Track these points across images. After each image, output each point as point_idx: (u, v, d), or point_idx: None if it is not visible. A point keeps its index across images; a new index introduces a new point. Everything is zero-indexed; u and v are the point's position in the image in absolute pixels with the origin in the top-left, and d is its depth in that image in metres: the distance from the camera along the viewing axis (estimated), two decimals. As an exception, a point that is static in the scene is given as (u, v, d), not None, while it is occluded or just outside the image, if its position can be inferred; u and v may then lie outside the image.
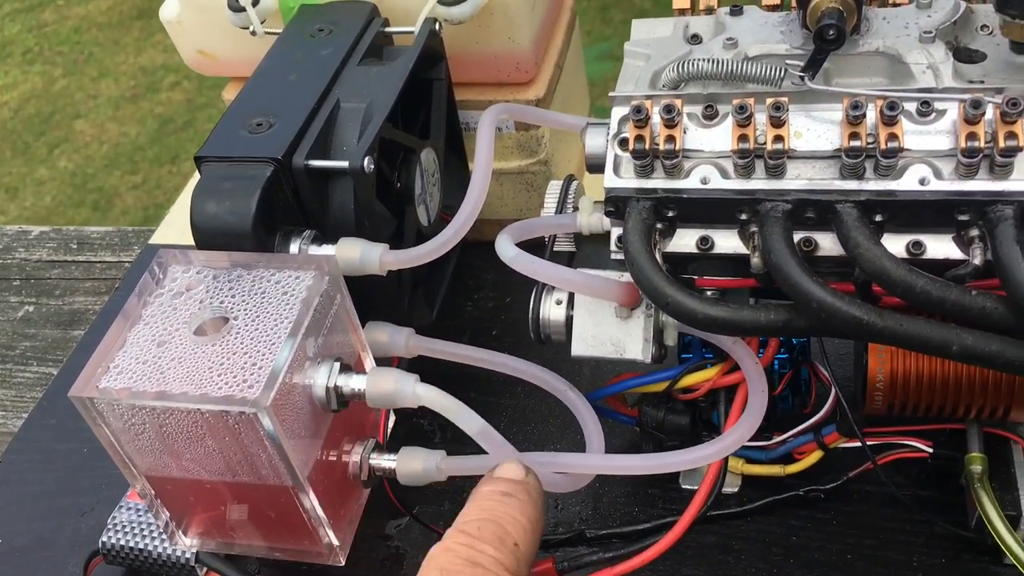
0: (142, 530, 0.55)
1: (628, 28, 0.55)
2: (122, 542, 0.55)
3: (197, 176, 0.52)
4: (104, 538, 0.55)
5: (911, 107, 0.44)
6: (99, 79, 3.68)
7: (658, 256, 0.47)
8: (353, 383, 0.48)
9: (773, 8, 0.53)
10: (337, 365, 0.48)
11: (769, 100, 0.45)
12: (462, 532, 0.42)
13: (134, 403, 0.44)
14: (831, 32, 0.45)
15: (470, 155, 0.67)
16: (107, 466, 0.63)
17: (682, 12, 0.54)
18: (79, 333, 0.77)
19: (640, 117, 0.46)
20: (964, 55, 0.48)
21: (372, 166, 0.51)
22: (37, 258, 0.85)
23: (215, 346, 0.46)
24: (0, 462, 0.66)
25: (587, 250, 0.58)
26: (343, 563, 0.50)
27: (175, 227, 0.81)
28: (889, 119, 0.43)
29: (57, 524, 0.61)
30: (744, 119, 0.45)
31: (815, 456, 0.53)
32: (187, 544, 0.52)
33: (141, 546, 0.54)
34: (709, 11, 0.54)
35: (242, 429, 0.44)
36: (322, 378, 0.47)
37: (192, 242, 0.51)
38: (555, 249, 0.57)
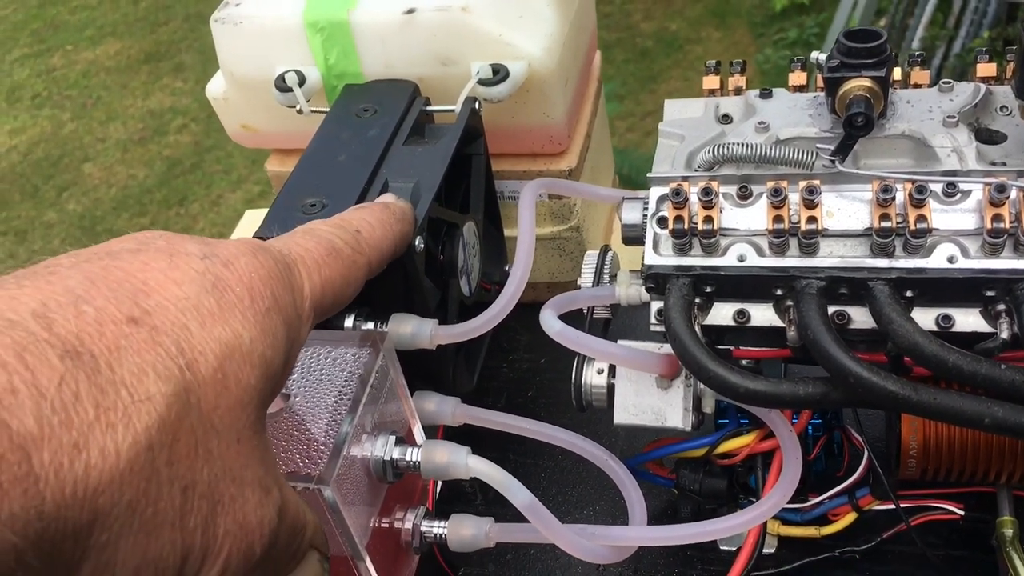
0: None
1: (630, 67, 0.58)
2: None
3: (229, 202, 0.54)
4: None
5: (937, 188, 0.47)
6: (107, 122, 3.72)
7: (697, 329, 0.49)
8: (409, 456, 0.50)
9: (799, 88, 0.55)
10: (393, 438, 0.50)
11: (802, 183, 0.47)
12: None
13: (202, 478, 0.46)
14: (860, 119, 0.47)
15: (506, 222, 0.69)
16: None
17: (712, 92, 0.57)
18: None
19: (679, 200, 0.48)
20: (986, 136, 0.50)
21: (422, 246, 0.53)
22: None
23: (277, 423, 0.48)
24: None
25: (622, 316, 0.60)
26: (397, 628, 0.52)
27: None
28: (917, 201, 0.46)
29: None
30: (779, 201, 0.47)
31: (849, 518, 0.55)
32: (244, 609, 0.54)
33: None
34: (738, 91, 0.57)
35: (306, 503, 0.46)
36: (379, 451, 0.50)
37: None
38: (594, 316, 0.59)
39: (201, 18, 4.19)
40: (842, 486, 0.54)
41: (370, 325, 0.54)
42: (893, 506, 0.53)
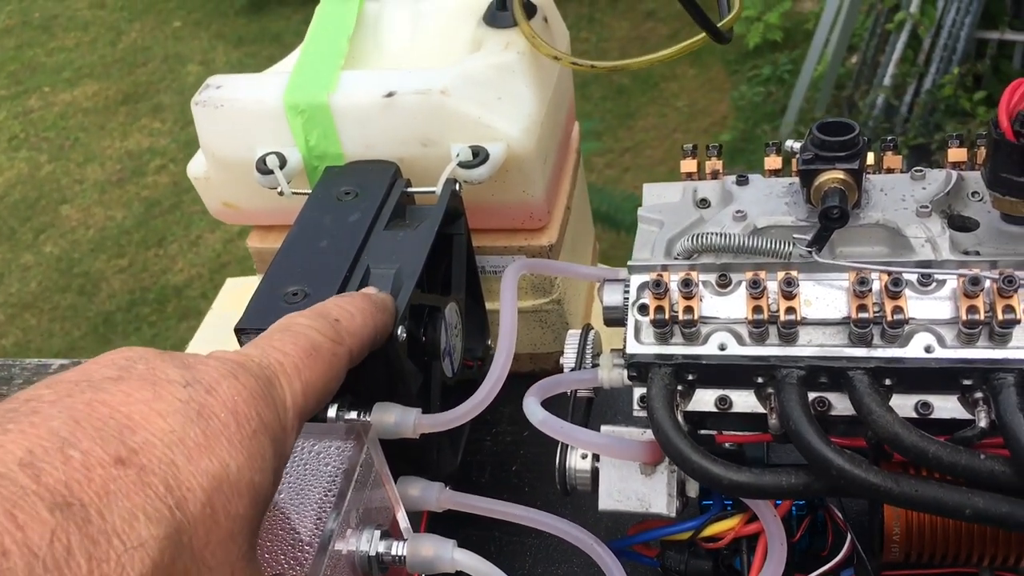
0: None
1: (608, 104, 0.59)
2: None
3: (213, 307, 0.54)
4: None
5: (912, 278, 0.47)
6: (85, 164, 3.70)
7: (679, 415, 0.50)
8: (394, 550, 0.50)
9: (775, 172, 0.56)
10: (378, 533, 0.50)
11: (780, 274, 0.48)
12: None
13: (186, 581, 0.46)
14: (835, 212, 0.48)
15: (487, 296, 0.70)
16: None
17: (689, 176, 0.58)
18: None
19: (659, 291, 0.49)
20: (958, 222, 0.51)
21: (404, 334, 0.54)
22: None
23: (263, 522, 0.48)
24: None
25: (607, 394, 0.61)
26: None
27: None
28: (893, 293, 0.46)
29: None
30: (758, 292, 0.48)
31: (835, 599, 0.55)
32: None
33: None
34: (715, 175, 0.57)
35: (291, 604, 0.46)
36: (364, 546, 0.49)
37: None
38: (577, 395, 0.59)
39: (179, 59, 4.19)
40: (826, 567, 0.54)
41: (353, 414, 0.54)
42: (877, 588, 0.53)
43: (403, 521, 0.55)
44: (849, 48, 3.14)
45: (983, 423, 0.46)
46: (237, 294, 0.89)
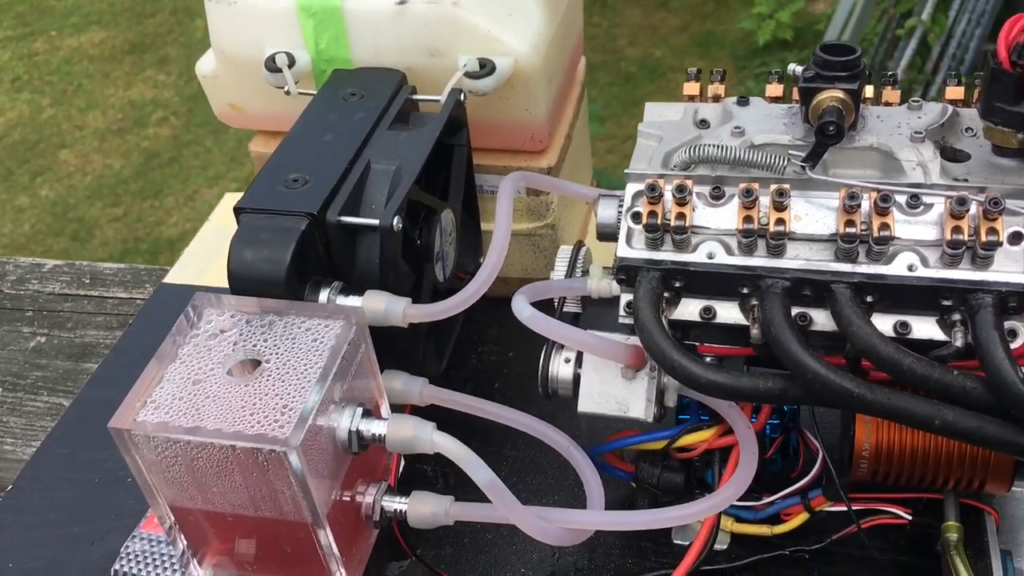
0: (154, 560, 0.57)
1: (614, 90, 0.60)
2: (134, 571, 0.57)
3: (211, 218, 0.55)
4: (116, 566, 0.57)
5: (902, 199, 0.48)
6: (87, 110, 3.69)
7: (664, 322, 0.50)
8: (374, 428, 0.51)
9: (775, 100, 0.57)
10: (360, 410, 0.51)
11: (773, 186, 0.49)
12: None
13: (169, 437, 0.47)
14: (831, 128, 0.49)
15: (484, 216, 0.70)
16: (118, 496, 0.66)
17: (691, 98, 0.59)
18: (90, 366, 0.79)
19: (654, 195, 0.50)
20: (950, 154, 0.52)
21: (400, 225, 0.54)
22: (50, 291, 0.88)
23: (248, 387, 0.49)
24: (12, 488, 0.68)
25: (591, 311, 0.62)
26: (351, 599, 0.53)
27: (190, 268, 0.84)
28: (882, 210, 0.47)
29: (68, 551, 0.63)
30: (750, 202, 0.49)
31: (801, 518, 0.56)
32: (200, 575, 0.54)
33: (153, 575, 0.57)
34: (716, 99, 0.58)
35: (270, 466, 0.47)
36: (346, 422, 0.50)
37: (208, 284, 0.54)
38: (564, 310, 0.60)
39: (188, 12, 4.17)
40: (796, 486, 0.56)
41: (344, 300, 0.54)
42: (844, 508, 0.54)
43: (385, 409, 0.56)
44: (858, 52, 3.14)
45: (959, 342, 0.47)
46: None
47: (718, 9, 3.62)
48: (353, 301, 0.54)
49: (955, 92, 0.55)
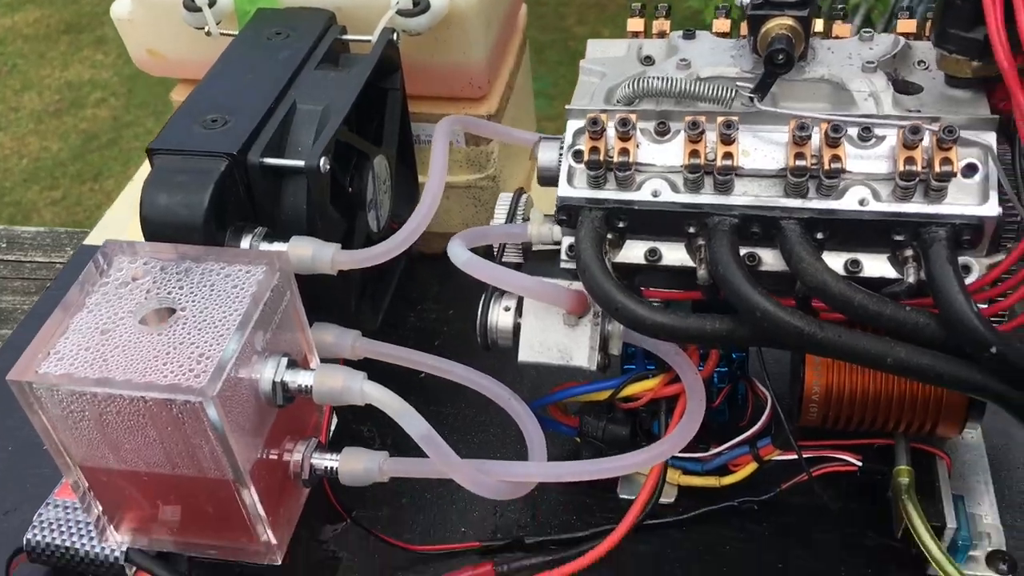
0: (69, 528, 0.54)
1: (563, 68, 0.57)
2: (48, 539, 0.53)
3: (135, 178, 0.52)
4: (29, 535, 0.54)
5: (853, 132, 0.46)
6: (22, 92, 3.58)
7: (608, 265, 0.48)
8: (300, 379, 0.48)
9: (723, 35, 0.55)
10: (284, 360, 0.48)
11: (720, 119, 0.46)
12: None
13: (74, 389, 0.44)
14: (780, 57, 0.47)
15: (421, 167, 0.67)
16: (32, 464, 0.62)
17: (636, 35, 0.56)
18: (5, 332, 0.75)
19: (596, 129, 0.47)
20: (903, 87, 0.50)
21: (327, 166, 0.51)
22: (-36, 256, 0.83)
23: (161, 336, 0.45)
24: (-83, 459, 0.64)
25: (532, 263, 0.59)
26: (279, 562, 0.50)
27: (111, 229, 0.79)
28: (833, 141, 0.45)
29: (-23, 523, 0.59)
30: (696, 135, 0.46)
31: (750, 468, 0.54)
32: (118, 541, 0.51)
33: (68, 544, 0.53)
34: (662, 35, 0.56)
35: (186, 419, 0.43)
36: (269, 372, 0.47)
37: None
38: (504, 260, 0.58)
39: (126, -10, 4.04)
40: (745, 435, 0.54)
41: (268, 246, 0.51)
42: (794, 456, 0.52)
43: (315, 362, 0.53)
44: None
45: (911, 279, 0.45)
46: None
47: (666, -12, 3.60)
48: (279, 247, 0.51)
49: (907, 25, 0.54)
